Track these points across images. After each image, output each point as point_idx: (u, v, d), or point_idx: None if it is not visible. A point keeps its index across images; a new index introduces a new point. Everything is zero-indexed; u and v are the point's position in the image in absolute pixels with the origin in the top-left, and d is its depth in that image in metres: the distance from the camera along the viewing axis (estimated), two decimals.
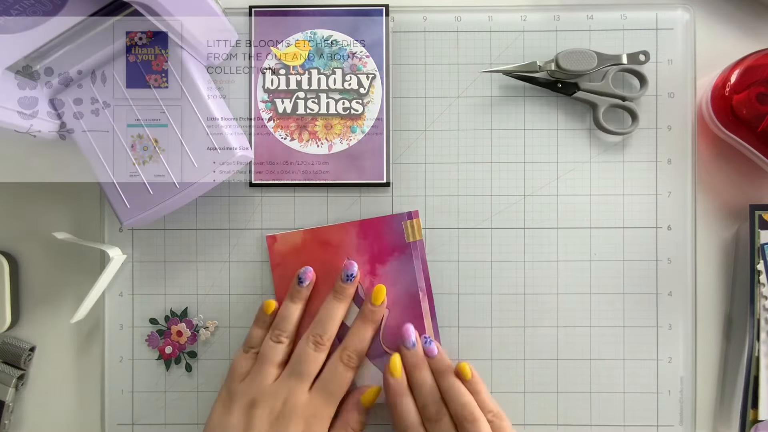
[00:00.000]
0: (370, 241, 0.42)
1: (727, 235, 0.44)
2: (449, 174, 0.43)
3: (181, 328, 0.43)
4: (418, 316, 0.42)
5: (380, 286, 0.40)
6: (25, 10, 0.33)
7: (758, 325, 0.40)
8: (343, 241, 0.42)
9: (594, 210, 0.43)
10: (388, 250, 0.42)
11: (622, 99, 0.42)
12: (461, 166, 0.43)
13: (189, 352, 0.43)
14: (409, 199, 0.43)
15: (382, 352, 0.42)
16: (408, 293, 0.42)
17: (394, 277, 0.42)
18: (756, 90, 0.39)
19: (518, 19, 0.43)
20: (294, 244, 0.42)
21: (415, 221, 0.42)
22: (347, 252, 0.42)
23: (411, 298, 0.42)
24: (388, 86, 0.43)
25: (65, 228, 0.44)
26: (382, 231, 0.42)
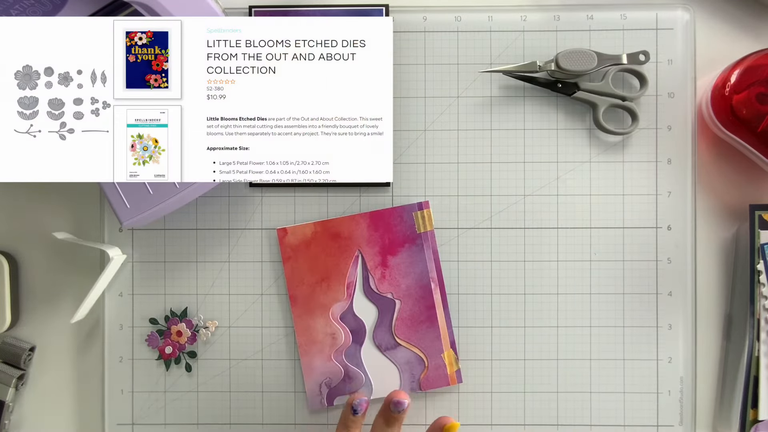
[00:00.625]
0: (381, 233, 0.42)
1: (727, 235, 0.44)
2: (449, 174, 0.43)
3: (181, 328, 0.43)
4: (431, 307, 0.42)
5: (456, 424, 0.38)
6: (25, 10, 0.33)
7: (758, 325, 0.40)
8: (353, 232, 0.42)
9: (594, 210, 0.43)
10: (399, 241, 0.42)
11: (622, 99, 0.42)
12: (461, 166, 0.43)
13: (189, 352, 0.43)
14: (409, 199, 0.43)
15: (394, 343, 0.42)
16: (420, 284, 0.42)
17: (406, 268, 0.42)
18: (756, 90, 0.39)
19: (518, 19, 0.43)
20: (304, 237, 0.42)
21: (426, 212, 0.42)
22: (358, 243, 0.42)
23: (423, 289, 0.42)
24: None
25: (65, 228, 0.44)
26: (393, 222, 0.42)
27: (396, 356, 0.42)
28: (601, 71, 0.42)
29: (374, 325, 0.42)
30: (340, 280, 0.42)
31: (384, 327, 0.42)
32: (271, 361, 0.43)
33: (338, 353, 0.42)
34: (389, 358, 0.42)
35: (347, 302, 0.43)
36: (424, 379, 0.42)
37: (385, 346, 0.42)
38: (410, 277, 0.42)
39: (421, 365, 0.42)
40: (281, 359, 0.43)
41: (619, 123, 0.43)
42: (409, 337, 0.42)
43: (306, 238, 0.42)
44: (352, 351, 0.43)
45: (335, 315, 0.43)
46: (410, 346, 0.42)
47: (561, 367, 0.43)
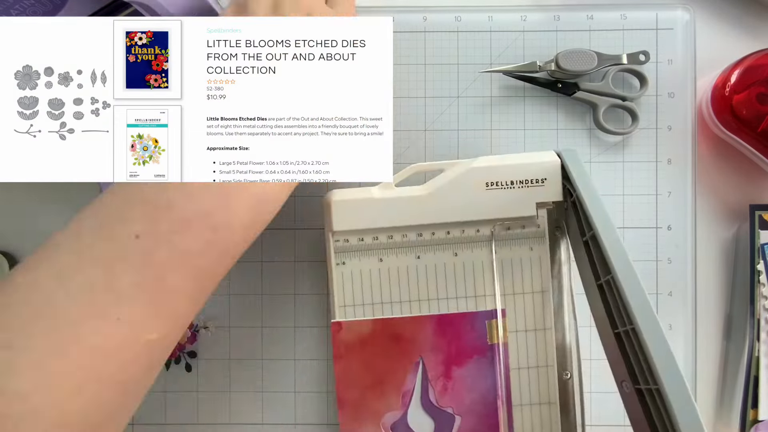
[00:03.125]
0: (448, 339, 0.38)
1: (727, 235, 0.44)
2: None
3: None
4: (494, 427, 0.38)
5: None
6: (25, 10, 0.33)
7: (758, 325, 0.40)
8: (416, 336, 0.38)
9: None
10: (468, 351, 0.38)
11: (622, 99, 0.42)
12: None
13: (189, 352, 0.43)
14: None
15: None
16: (484, 401, 0.38)
17: (472, 382, 0.38)
18: (756, 90, 0.39)
19: (518, 19, 0.43)
20: (360, 335, 0.38)
21: (502, 321, 0.38)
22: (420, 349, 0.38)
23: (487, 407, 0.38)
24: None
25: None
26: (462, 329, 0.38)
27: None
28: (601, 71, 0.42)
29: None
30: (396, 386, 0.38)
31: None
32: (272, 361, 0.43)
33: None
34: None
35: (401, 412, 0.38)
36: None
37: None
38: (475, 392, 0.37)
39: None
40: (281, 359, 0.43)
41: (619, 123, 0.43)
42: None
43: (362, 336, 0.38)
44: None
45: (386, 425, 0.38)
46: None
47: None
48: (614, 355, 0.31)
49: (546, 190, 0.37)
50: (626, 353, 0.30)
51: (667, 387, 0.26)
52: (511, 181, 0.37)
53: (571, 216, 0.35)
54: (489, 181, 0.37)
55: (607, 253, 0.30)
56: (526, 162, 0.37)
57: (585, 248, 0.33)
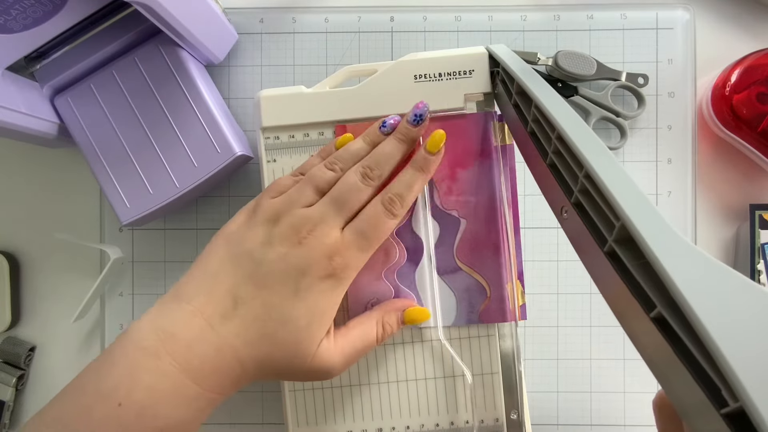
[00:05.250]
0: (454, 140, 0.36)
1: (727, 235, 0.44)
2: None
3: None
4: (498, 232, 0.36)
5: (440, 132, 0.34)
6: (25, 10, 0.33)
7: None
8: (422, 136, 0.36)
9: None
10: (473, 153, 0.36)
11: (616, 114, 0.42)
12: None
13: None
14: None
15: (454, 266, 0.36)
16: (490, 204, 0.36)
17: (477, 184, 0.37)
18: (756, 90, 0.39)
19: (518, 19, 0.43)
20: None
21: (505, 124, 0.37)
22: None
23: (494, 210, 0.36)
24: None
25: (65, 228, 0.44)
26: (468, 131, 0.36)
27: (455, 282, 0.36)
28: (602, 83, 0.42)
29: (434, 245, 0.37)
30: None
31: (445, 248, 0.36)
32: None
33: (390, 272, 0.37)
34: (447, 282, 0.37)
35: (406, 216, 0.36)
36: (484, 310, 0.36)
37: (443, 269, 0.36)
38: (480, 195, 0.36)
39: (483, 295, 0.36)
40: None
41: (606, 137, 0.43)
42: (472, 262, 0.36)
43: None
44: (406, 271, 0.36)
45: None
46: (472, 271, 0.37)
47: (561, 367, 0.43)
48: (549, 184, 0.28)
49: (474, 82, 0.36)
50: (561, 176, 0.27)
51: (606, 181, 0.23)
52: (439, 73, 0.36)
53: (500, 90, 0.35)
54: (417, 73, 0.36)
55: (532, 93, 0.29)
56: (453, 54, 0.37)
57: (515, 108, 0.32)
